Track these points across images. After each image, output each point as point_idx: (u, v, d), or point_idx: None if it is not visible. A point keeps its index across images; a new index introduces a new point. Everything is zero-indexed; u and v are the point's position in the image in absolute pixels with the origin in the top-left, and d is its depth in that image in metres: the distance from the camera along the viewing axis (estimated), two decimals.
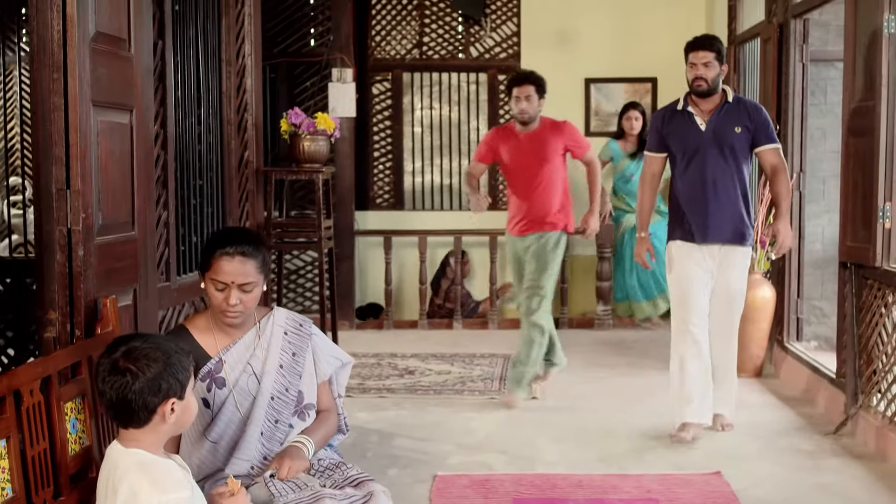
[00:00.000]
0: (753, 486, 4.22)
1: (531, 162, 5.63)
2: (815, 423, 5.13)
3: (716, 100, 4.93)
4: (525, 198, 5.68)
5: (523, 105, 5.56)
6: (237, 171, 4.83)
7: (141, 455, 2.14)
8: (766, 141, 4.92)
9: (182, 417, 2.23)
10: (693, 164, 4.92)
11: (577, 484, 4.30)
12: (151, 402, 2.16)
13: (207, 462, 2.95)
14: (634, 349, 7.25)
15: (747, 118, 4.90)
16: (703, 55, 4.86)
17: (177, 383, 2.19)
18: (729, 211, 4.88)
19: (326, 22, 8.02)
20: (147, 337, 2.24)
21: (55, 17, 3.01)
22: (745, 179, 4.93)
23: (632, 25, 8.65)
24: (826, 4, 5.83)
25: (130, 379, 2.14)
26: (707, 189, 4.88)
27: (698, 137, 4.91)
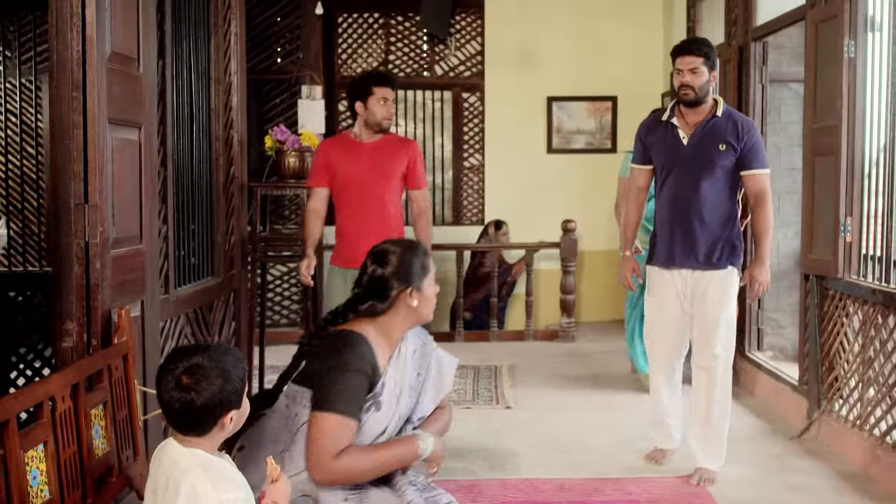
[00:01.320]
0: (727, 487, 4.42)
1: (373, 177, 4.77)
2: (780, 428, 5.36)
3: (704, 111, 4.49)
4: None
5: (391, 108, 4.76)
6: (224, 186, 4.94)
7: (202, 455, 2.24)
8: (753, 165, 4.42)
9: (237, 422, 2.34)
10: (670, 181, 4.54)
11: (560, 487, 4.47)
12: (214, 416, 2.26)
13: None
14: (599, 360, 7.46)
15: (735, 136, 4.42)
16: (689, 60, 4.41)
17: (236, 395, 2.29)
18: (704, 235, 4.46)
19: (295, 40, 8.15)
20: (206, 351, 2.31)
21: (75, 38, 3.13)
22: (729, 200, 4.49)
23: (592, 46, 8.92)
24: (782, 28, 6.11)
25: (195, 396, 2.23)
26: (681, 209, 4.50)
27: (678, 152, 4.50)
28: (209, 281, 4.74)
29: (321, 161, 4.77)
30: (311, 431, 2.56)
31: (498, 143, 9.06)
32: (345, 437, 2.57)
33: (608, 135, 9.09)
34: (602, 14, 8.91)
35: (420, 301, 2.76)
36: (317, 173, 4.80)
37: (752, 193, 4.47)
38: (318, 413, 2.57)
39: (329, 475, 2.56)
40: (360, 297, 2.75)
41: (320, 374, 2.61)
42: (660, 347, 4.68)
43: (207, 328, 4.66)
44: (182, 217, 4.39)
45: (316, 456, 2.54)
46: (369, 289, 2.74)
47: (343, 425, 2.57)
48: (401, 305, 2.75)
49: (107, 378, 3.05)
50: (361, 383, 2.62)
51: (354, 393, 2.60)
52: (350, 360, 2.62)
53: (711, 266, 4.48)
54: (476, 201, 9.22)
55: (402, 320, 2.77)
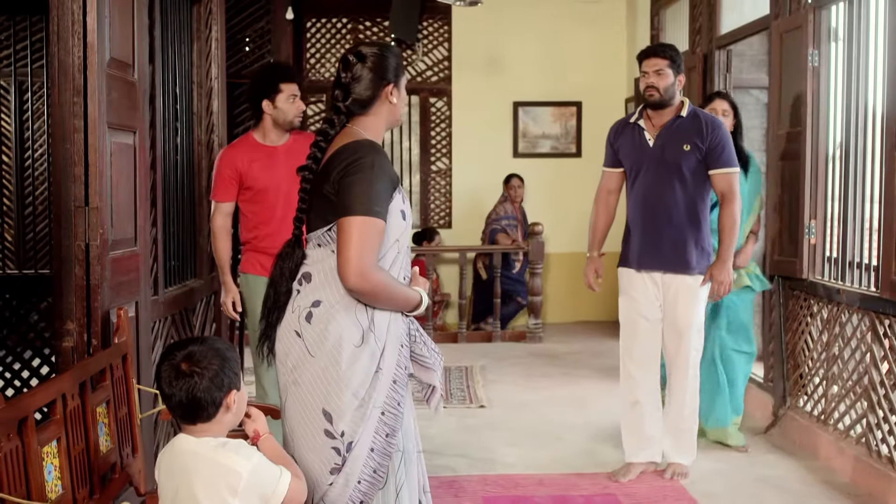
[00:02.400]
0: (699, 481, 4.58)
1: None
2: (747, 424, 5.52)
3: (670, 113, 4.53)
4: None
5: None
6: (206, 188, 5.00)
7: (214, 439, 2.35)
8: (718, 164, 4.46)
9: (240, 405, 2.43)
10: (638, 183, 4.59)
11: (539, 483, 4.60)
12: (218, 397, 2.35)
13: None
14: (567, 360, 7.62)
15: (700, 136, 4.46)
16: (654, 62, 4.48)
17: (235, 376, 2.39)
18: (671, 236, 4.50)
19: (266, 45, 8.21)
20: (199, 339, 2.42)
21: (76, 45, 3.19)
22: (698, 202, 4.51)
23: (557, 52, 9.10)
24: (746, 37, 6.30)
25: (197, 379, 2.33)
26: (648, 210, 4.55)
27: (645, 153, 4.56)
28: (192, 283, 4.80)
29: (227, 172, 4.33)
30: (355, 235, 2.55)
31: (465, 147, 9.20)
32: (379, 243, 2.61)
33: (573, 139, 9.27)
34: (567, 21, 9.10)
35: (398, 99, 2.80)
36: (224, 185, 4.36)
37: (718, 192, 4.52)
38: (360, 217, 2.56)
39: (369, 283, 2.57)
40: (340, 97, 2.76)
41: (353, 175, 2.60)
42: (634, 350, 4.66)
43: (191, 329, 4.71)
44: (167, 220, 4.44)
45: (359, 261, 2.54)
46: (347, 88, 2.74)
47: (382, 230, 2.60)
48: (382, 104, 2.77)
49: (109, 377, 3.11)
50: (389, 189, 2.66)
51: (387, 197, 2.63)
52: (383, 162, 2.65)
53: (681, 269, 4.51)
54: (443, 205, 9.34)
55: (382, 120, 2.80)
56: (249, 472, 2.30)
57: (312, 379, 2.64)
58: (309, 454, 2.67)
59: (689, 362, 4.58)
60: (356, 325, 2.64)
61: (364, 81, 2.73)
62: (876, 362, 4.41)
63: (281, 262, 2.76)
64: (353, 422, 2.63)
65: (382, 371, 2.67)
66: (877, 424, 4.41)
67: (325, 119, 2.78)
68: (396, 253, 2.74)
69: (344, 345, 2.62)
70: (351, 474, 2.65)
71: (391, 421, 2.69)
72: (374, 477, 2.68)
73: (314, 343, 2.65)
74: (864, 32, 4.71)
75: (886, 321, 4.31)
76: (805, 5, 5.07)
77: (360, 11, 9.06)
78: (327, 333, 2.63)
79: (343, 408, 2.62)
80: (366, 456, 2.66)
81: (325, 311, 2.64)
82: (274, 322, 2.75)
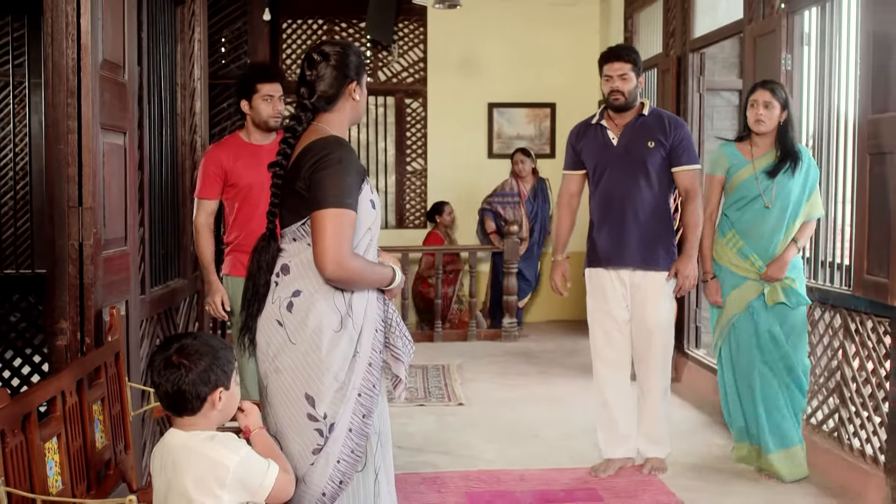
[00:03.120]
0: (677, 475, 4.68)
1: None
2: (720, 420, 5.63)
3: (632, 113, 4.58)
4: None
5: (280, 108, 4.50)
6: (190, 190, 5.04)
7: (205, 432, 2.41)
8: (682, 161, 4.53)
9: (227, 405, 2.48)
10: (603, 182, 4.62)
11: (520, 478, 4.68)
12: (203, 392, 2.41)
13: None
14: (542, 359, 7.71)
15: (663, 133, 4.53)
16: (618, 66, 4.51)
17: (223, 374, 2.44)
18: (639, 233, 4.55)
19: (243, 45, 8.24)
20: (195, 335, 2.49)
21: (70, 46, 3.24)
22: (662, 198, 4.58)
23: (532, 54, 9.19)
24: (719, 40, 6.43)
25: (184, 372, 2.39)
26: (615, 208, 4.58)
27: (609, 152, 4.59)
28: (176, 283, 4.84)
29: (213, 169, 4.37)
30: (329, 227, 2.66)
31: (440, 147, 9.27)
32: (352, 233, 2.73)
33: (547, 140, 9.37)
34: (541, 23, 9.19)
35: (360, 96, 2.92)
36: (209, 183, 4.38)
37: (682, 189, 4.57)
38: (332, 210, 2.68)
39: (346, 271, 2.69)
40: (305, 94, 2.86)
41: (323, 171, 2.71)
42: (605, 350, 4.71)
43: (174, 329, 4.75)
44: (153, 220, 4.48)
45: (336, 251, 2.66)
46: (312, 86, 2.85)
47: (354, 220, 2.72)
48: (346, 100, 2.89)
49: (104, 375, 3.16)
50: (357, 181, 2.77)
51: (356, 189, 2.75)
52: (350, 156, 2.77)
53: (648, 266, 4.56)
54: (419, 205, 9.40)
55: (346, 116, 2.92)
56: (236, 465, 2.36)
57: (294, 365, 2.75)
58: (292, 436, 2.77)
59: (661, 360, 4.65)
60: (335, 311, 2.76)
61: (328, 79, 2.85)
62: (848, 359, 4.53)
63: (257, 255, 2.86)
64: (334, 404, 2.75)
65: (360, 354, 2.80)
66: (849, 419, 4.53)
67: (292, 116, 2.89)
68: (369, 241, 2.88)
69: (324, 330, 2.74)
70: (331, 454, 2.76)
71: (367, 402, 2.82)
72: (352, 457, 2.80)
73: (295, 331, 2.76)
74: (836, 37, 4.84)
75: (858, 318, 4.43)
76: (778, 10, 5.19)
77: (336, 13, 9.11)
78: (308, 321, 2.74)
79: (324, 391, 2.74)
80: (345, 436, 2.78)
81: (305, 300, 2.76)
82: (254, 313, 2.85)
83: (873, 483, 4.26)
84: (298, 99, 2.88)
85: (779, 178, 4.50)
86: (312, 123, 2.88)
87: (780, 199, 4.49)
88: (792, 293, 4.54)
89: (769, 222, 4.52)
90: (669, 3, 7.06)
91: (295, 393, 2.76)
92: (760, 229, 4.54)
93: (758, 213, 4.54)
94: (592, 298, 4.74)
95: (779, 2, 5.20)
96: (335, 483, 2.79)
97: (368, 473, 2.90)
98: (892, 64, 4.07)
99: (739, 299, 4.60)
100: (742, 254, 4.58)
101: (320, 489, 2.76)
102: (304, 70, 2.89)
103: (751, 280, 4.57)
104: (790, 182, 4.49)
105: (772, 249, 4.52)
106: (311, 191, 2.73)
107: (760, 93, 4.54)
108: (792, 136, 4.53)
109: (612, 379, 4.71)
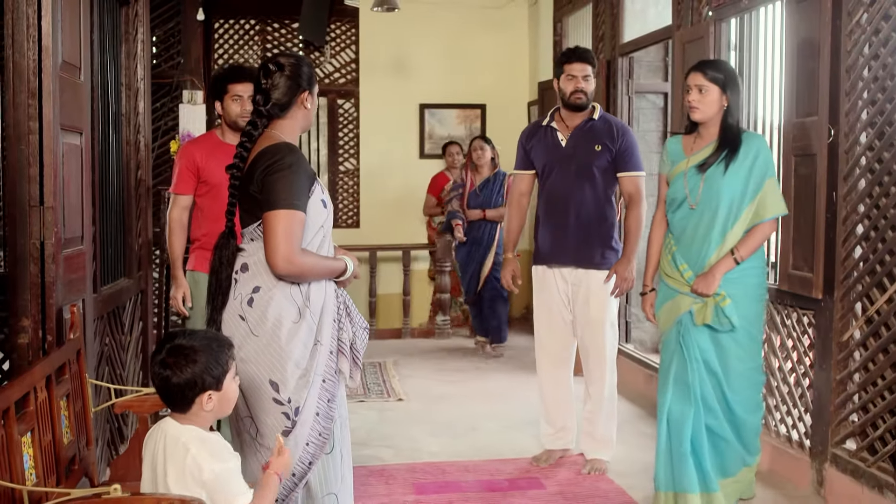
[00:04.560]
0: (615, 463, 4.87)
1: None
2: (651, 411, 5.87)
3: (583, 116, 4.71)
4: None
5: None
6: (135, 189, 5.07)
7: (198, 431, 2.47)
8: (626, 167, 4.65)
9: (220, 405, 2.54)
10: (550, 181, 4.75)
11: (465, 469, 4.83)
12: (189, 395, 2.48)
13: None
14: (477, 355, 7.87)
15: (611, 138, 4.65)
16: (583, 67, 4.64)
17: (211, 379, 2.50)
18: (579, 233, 4.66)
19: (177, 45, 8.21)
20: (192, 334, 2.54)
21: (31, 48, 3.27)
22: (606, 201, 4.69)
23: (462, 56, 9.35)
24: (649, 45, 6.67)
25: (171, 374, 2.46)
26: (559, 208, 4.71)
27: (557, 153, 4.71)
28: (123, 282, 4.86)
29: (186, 165, 4.44)
30: (280, 226, 2.85)
31: (372, 148, 9.37)
32: (302, 232, 2.92)
33: None
34: (472, 26, 9.35)
35: (311, 105, 3.11)
36: (184, 179, 4.46)
37: (625, 194, 4.71)
38: (282, 211, 2.86)
39: (296, 267, 2.89)
40: (260, 102, 3.04)
41: (274, 175, 2.89)
42: (549, 346, 4.84)
43: (121, 327, 4.78)
44: (104, 219, 4.51)
45: (286, 249, 2.85)
46: (267, 94, 3.03)
47: (303, 220, 2.92)
48: (298, 108, 3.08)
49: (68, 372, 3.20)
50: (307, 184, 2.96)
51: (305, 192, 2.94)
52: (300, 161, 2.95)
53: (588, 265, 4.67)
54: (351, 205, 9.48)
55: (298, 124, 3.11)
56: (214, 475, 2.41)
57: (256, 355, 2.94)
58: (263, 418, 2.98)
59: (606, 358, 4.73)
60: (293, 303, 2.96)
61: (282, 88, 3.04)
62: (774, 350, 4.77)
63: (219, 251, 3.04)
64: (298, 389, 2.96)
65: (321, 343, 3.01)
66: (776, 407, 4.78)
67: (249, 122, 3.08)
68: (322, 237, 3.07)
69: (283, 322, 2.94)
70: (300, 437, 2.97)
71: (331, 387, 3.04)
72: (319, 440, 3.02)
73: (257, 324, 2.96)
74: (754, 46, 5.11)
75: (784, 311, 4.68)
76: (706, 18, 5.43)
77: (268, 13, 9.13)
78: (268, 314, 2.94)
79: (287, 377, 2.94)
80: (312, 420, 2.99)
81: (265, 295, 2.95)
82: (219, 307, 3.02)
83: (800, 467, 4.51)
84: (254, 106, 3.07)
85: (708, 174, 3.93)
86: (267, 129, 3.06)
87: (709, 198, 3.93)
88: (720, 314, 3.91)
89: (699, 227, 3.97)
90: (599, 8, 7.28)
91: (260, 380, 2.95)
92: (689, 235, 4.01)
93: (686, 216, 4.02)
94: (537, 295, 4.87)
95: (706, 10, 5.43)
96: (304, 464, 3.01)
97: (335, 455, 3.14)
98: (815, 72, 4.32)
99: (668, 315, 4.08)
100: (673, 262, 4.06)
101: (290, 469, 2.89)
102: (259, 78, 3.06)
103: (681, 293, 4.01)
104: (722, 179, 3.90)
105: (702, 259, 3.96)
106: (263, 193, 2.91)
107: (693, 76, 3.98)
108: (731, 123, 3.96)
109: (553, 373, 4.87)
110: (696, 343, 3.97)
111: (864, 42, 4.10)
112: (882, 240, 3.99)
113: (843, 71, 4.21)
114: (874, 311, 4.04)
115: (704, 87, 3.93)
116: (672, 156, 4.14)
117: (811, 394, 4.47)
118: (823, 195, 4.29)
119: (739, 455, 4.08)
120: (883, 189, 3.99)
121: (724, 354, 3.96)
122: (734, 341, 3.94)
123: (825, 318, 4.33)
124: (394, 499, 4.40)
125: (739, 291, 3.92)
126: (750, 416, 4.04)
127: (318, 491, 3.14)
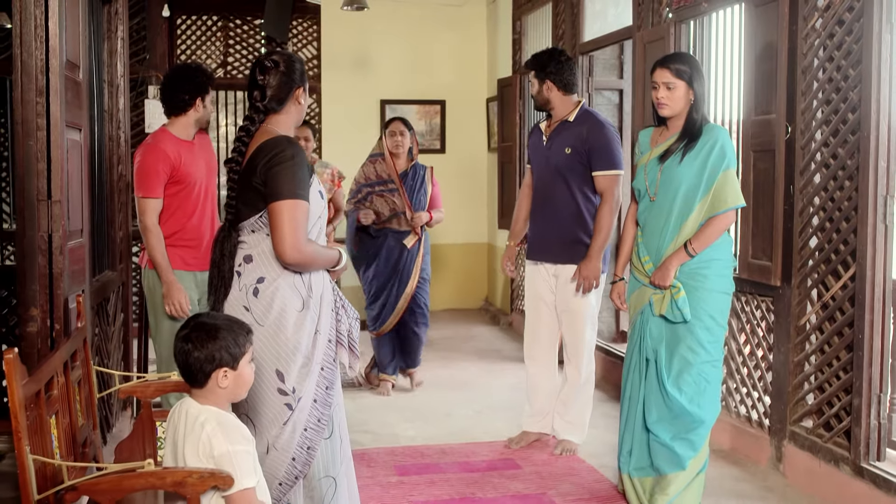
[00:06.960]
0: (586, 445, 5.10)
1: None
2: (614, 396, 6.13)
3: (559, 118, 4.90)
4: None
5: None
6: (117, 184, 5.18)
7: (216, 411, 2.63)
8: (597, 166, 4.77)
9: (235, 384, 2.69)
10: (535, 179, 5.03)
11: (442, 452, 5.04)
12: (207, 369, 2.63)
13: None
14: (442, 345, 8.07)
15: (580, 140, 4.78)
16: (533, 75, 4.95)
17: (228, 356, 2.66)
18: (558, 231, 4.86)
19: (142, 41, 8.28)
20: (213, 314, 2.72)
21: (39, 48, 3.39)
22: (582, 199, 4.83)
23: (423, 53, 9.56)
24: (609, 45, 6.92)
25: (191, 348, 2.62)
26: (541, 205, 4.94)
27: (539, 153, 4.97)
28: (107, 274, 4.98)
29: (161, 167, 4.24)
30: (286, 216, 2.98)
31: (334, 143, 9.51)
32: (307, 221, 3.06)
33: (437, 136, 9.74)
34: (432, 23, 9.56)
35: (304, 101, 3.27)
36: (160, 181, 4.26)
37: (599, 191, 4.82)
38: (288, 201, 2.99)
39: (303, 255, 3.02)
40: (258, 97, 3.17)
41: (278, 166, 3.01)
42: (537, 334, 5.08)
43: (108, 319, 4.90)
44: (93, 213, 4.62)
45: (293, 238, 2.98)
46: (264, 90, 3.17)
47: (307, 210, 3.05)
48: (293, 104, 3.23)
49: (79, 359, 3.34)
50: (307, 175, 3.10)
51: (307, 182, 3.08)
52: (300, 153, 3.09)
53: (567, 261, 4.86)
54: None
55: (292, 118, 3.26)
56: (224, 455, 2.54)
57: (261, 345, 3.04)
58: (263, 410, 3.08)
59: (584, 348, 4.92)
60: (297, 293, 3.09)
61: (278, 84, 3.18)
62: (734, 334, 5.05)
63: (220, 244, 3.14)
64: (300, 378, 3.08)
65: (321, 333, 3.15)
66: (735, 388, 5.05)
67: (246, 117, 3.20)
68: (319, 228, 3.22)
69: (289, 311, 3.07)
70: (297, 422, 3.09)
71: (329, 375, 3.17)
72: (318, 426, 3.15)
73: (262, 314, 3.07)
74: (710, 47, 5.40)
75: (744, 298, 4.96)
76: (666, 19, 5.69)
77: (230, 9, 9.23)
78: (273, 304, 3.06)
79: (292, 367, 3.06)
80: (310, 406, 3.12)
81: (269, 285, 3.07)
82: (221, 298, 3.13)
83: (759, 445, 4.79)
84: (252, 101, 3.19)
85: (665, 165, 4.00)
86: (262, 124, 3.19)
87: (666, 190, 4.00)
88: (673, 306, 3.97)
89: (658, 218, 4.05)
90: (559, 7, 7.52)
91: (264, 370, 3.05)
92: (651, 226, 4.09)
93: (648, 208, 4.11)
94: (528, 287, 5.13)
95: (666, 12, 5.69)
96: (303, 449, 3.11)
97: (335, 440, 3.27)
98: (773, 73, 4.59)
99: (635, 304, 4.19)
100: (638, 253, 4.16)
101: (290, 454, 3.08)
102: (255, 75, 3.19)
103: (643, 285, 4.12)
104: (677, 170, 3.96)
105: (661, 250, 4.03)
106: (267, 185, 3.03)
107: (659, 72, 4.01)
108: (696, 116, 3.99)
109: (539, 359, 5.11)
110: (649, 332, 4.06)
111: (819, 45, 4.38)
112: (836, 230, 4.28)
113: (799, 72, 4.49)
114: (829, 296, 4.32)
115: (672, 84, 3.96)
116: (641, 147, 4.23)
117: (770, 375, 4.74)
118: (781, 188, 4.57)
119: (670, 453, 4.03)
120: (837, 183, 4.27)
121: (677, 346, 4.00)
122: (690, 333, 3.96)
123: (783, 303, 4.61)
124: (377, 480, 4.59)
125: (701, 284, 3.96)
126: (697, 409, 3.97)
127: (316, 473, 3.23)
